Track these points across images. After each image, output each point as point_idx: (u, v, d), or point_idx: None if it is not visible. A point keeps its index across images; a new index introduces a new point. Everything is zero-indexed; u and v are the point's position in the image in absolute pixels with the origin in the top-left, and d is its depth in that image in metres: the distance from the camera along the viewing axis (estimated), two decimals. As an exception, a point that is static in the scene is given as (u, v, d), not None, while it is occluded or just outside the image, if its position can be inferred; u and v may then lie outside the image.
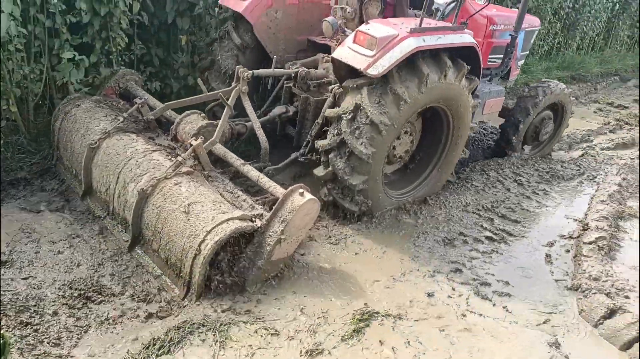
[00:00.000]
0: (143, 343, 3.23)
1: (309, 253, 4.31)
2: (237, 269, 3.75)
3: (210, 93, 4.87)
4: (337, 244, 4.53)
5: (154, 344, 3.21)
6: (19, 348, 3.08)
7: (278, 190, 3.94)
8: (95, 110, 4.74)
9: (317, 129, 4.87)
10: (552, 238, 5.14)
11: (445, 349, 3.54)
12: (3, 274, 3.65)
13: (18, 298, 3.46)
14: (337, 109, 4.48)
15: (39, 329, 3.25)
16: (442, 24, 4.74)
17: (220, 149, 4.45)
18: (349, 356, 3.36)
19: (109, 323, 3.40)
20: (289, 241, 3.82)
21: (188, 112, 4.67)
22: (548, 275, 4.56)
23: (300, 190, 3.75)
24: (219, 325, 3.42)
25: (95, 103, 4.88)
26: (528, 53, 7.98)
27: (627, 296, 4.22)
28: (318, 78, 5.30)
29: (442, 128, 5.16)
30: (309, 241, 4.47)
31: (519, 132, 6.44)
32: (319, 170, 4.68)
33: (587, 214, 5.58)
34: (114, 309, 3.51)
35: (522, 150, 6.76)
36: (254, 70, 4.76)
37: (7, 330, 3.16)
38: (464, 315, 3.89)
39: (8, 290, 3.51)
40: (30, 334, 3.20)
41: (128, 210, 3.99)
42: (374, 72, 4.16)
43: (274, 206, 3.77)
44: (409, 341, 3.55)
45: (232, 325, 3.45)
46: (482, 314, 3.94)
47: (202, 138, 4.23)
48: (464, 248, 4.76)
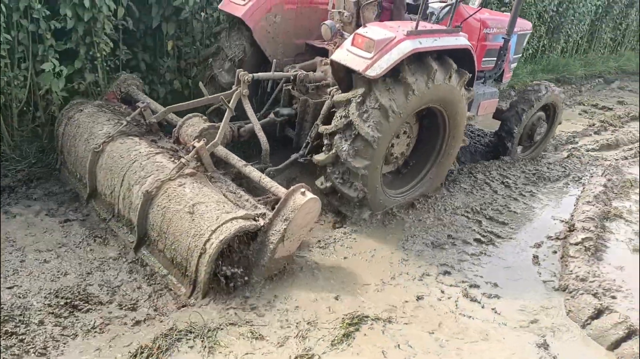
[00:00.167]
0: (130, 351, 3.20)
1: (298, 257, 4.30)
2: (241, 267, 3.79)
3: (212, 96, 4.97)
4: (326, 248, 4.53)
5: (142, 352, 3.17)
6: (4, 358, 3.03)
7: (280, 190, 4.02)
8: (98, 115, 4.78)
9: (315, 131, 4.92)
10: (539, 239, 5.18)
11: (435, 351, 3.55)
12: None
13: (3, 307, 3.40)
14: (346, 94, 4.53)
15: (25, 339, 3.19)
16: (437, 27, 4.85)
17: (222, 151, 4.54)
18: (339, 361, 3.35)
19: (96, 331, 3.35)
20: (292, 240, 3.90)
21: (190, 114, 4.73)
22: (536, 276, 4.59)
23: (302, 190, 3.84)
24: (207, 331, 3.39)
25: (98, 108, 4.91)
26: (521, 56, 8.07)
27: (613, 297, 4.27)
28: (316, 80, 5.38)
29: (437, 133, 5.25)
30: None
31: (521, 122, 6.49)
32: (320, 156, 4.71)
33: (573, 215, 5.64)
34: (101, 317, 3.46)
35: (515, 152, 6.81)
36: (254, 74, 4.83)
37: (-9, 340, 3.11)
38: (454, 318, 3.90)
39: (-8, 300, 3.46)
40: (16, 344, 3.15)
41: (133, 212, 4.03)
42: (373, 73, 4.22)
43: (277, 206, 3.85)
44: (399, 345, 3.55)
45: (220, 331, 3.43)
46: (471, 316, 3.95)
47: (204, 140, 4.29)
48: (453, 250, 4.77)
